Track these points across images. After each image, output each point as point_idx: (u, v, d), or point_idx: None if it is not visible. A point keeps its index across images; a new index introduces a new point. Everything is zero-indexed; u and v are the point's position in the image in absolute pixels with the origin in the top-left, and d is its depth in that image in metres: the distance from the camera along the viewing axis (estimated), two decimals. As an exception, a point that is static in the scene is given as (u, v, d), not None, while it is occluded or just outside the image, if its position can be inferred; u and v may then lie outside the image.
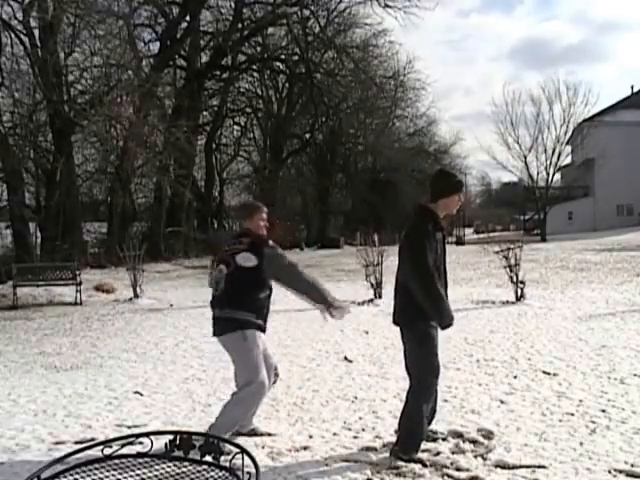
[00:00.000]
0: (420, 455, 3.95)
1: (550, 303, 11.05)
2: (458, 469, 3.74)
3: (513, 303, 11.02)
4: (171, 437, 1.92)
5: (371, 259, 12.57)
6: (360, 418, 4.78)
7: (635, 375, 5.83)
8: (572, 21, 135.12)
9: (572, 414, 4.72)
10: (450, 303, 3.90)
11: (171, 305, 12.26)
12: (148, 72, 23.84)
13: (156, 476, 1.89)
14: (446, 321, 3.79)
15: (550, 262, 19.81)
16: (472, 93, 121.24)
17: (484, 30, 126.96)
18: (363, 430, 4.49)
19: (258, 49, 31.73)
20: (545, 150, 40.15)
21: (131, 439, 1.93)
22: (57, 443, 4.38)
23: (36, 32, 20.07)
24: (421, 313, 3.81)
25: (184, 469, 1.96)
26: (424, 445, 4.15)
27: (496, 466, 3.78)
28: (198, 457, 1.88)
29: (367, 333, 8.61)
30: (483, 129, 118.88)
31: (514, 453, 3.97)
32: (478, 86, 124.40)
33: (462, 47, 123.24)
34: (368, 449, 4.11)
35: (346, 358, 6.97)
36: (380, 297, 11.97)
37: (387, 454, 3.96)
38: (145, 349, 7.96)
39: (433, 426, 4.51)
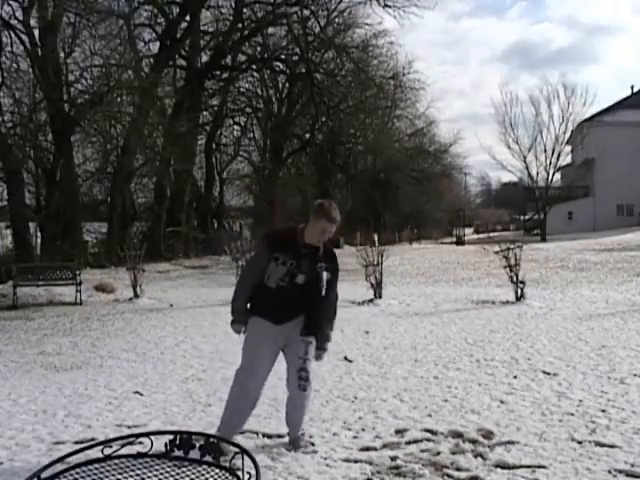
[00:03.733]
0: (420, 455, 3.96)
1: (550, 303, 11.06)
2: (458, 469, 3.74)
3: (513, 303, 11.02)
4: (171, 437, 1.92)
5: (371, 259, 12.57)
6: (360, 418, 4.77)
7: (635, 375, 5.83)
8: (563, 24, 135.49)
9: (572, 414, 4.72)
10: (450, 303, 3.91)
11: (171, 305, 12.26)
12: (148, 72, 23.84)
13: (156, 476, 1.89)
14: None
15: (550, 262, 19.81)
16: (466, 95, 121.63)
17: (476, 33, 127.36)
18: (363, 430, 4.49)
19: (258, 49, 31.71)
20: (545, 150, 40.20)
21: (131, 439, 1.93)
22: (57, 443, 4.38)
23: (36, 32, 20.09)
24: None
25: (184, 469, 1.95)
26: (424, 445, 4.15)
27: (496, 466, 3.78)
28: (198, 457, 1.88)
29: (367, 333, 8.60)
30: (478, 131, 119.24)
31: (514, 453, 3.96)
32: (472, 88, 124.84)
33: (455, 50, 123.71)
34: (368, 449, 4.11)
35: (346, 358, 6.97)
36: (380, 297, 11.96)
37: (387, 454, 3.97)
38: (145, 349, 7.96)
39: (433, 426, 4.51)
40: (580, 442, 4.11)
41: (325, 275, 4.14)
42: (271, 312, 4.08)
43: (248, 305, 4.18)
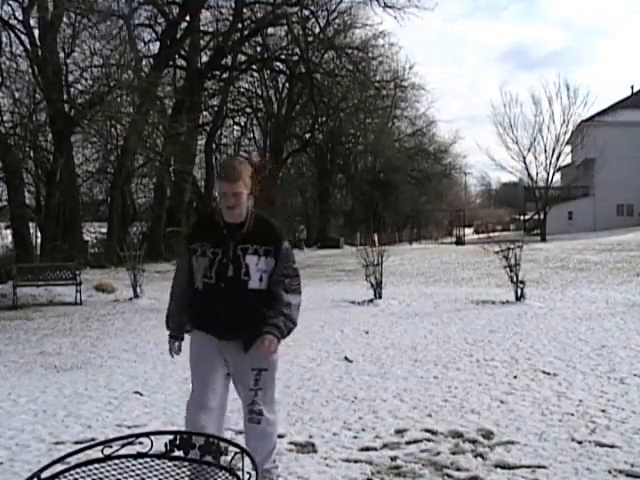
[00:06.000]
0: (420, 455, 3.95)
1: (550, 303, 11.05)
2: (458, 469, 3.74)
3: (513, 303, 11.02)
4: (171, 437, 1.92)
5: (371, 259, 12.56)
6: (360, 418, 4.77)
7: (635, 375, 5.83)
8: (558, 25, 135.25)
9: (572, 414, 4.72)
10: (450, 303, 3.87)
11: (171, 305, 12.25)
12: (148, 72, 23.84)
13: (156, 476, 1.89)
14: None
15: (550, 262, 19.80)
16: (463, 96, 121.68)
17: (472, 35, 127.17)
18: (363, 430, 4.49)
19: (258, 49, 31.72)
20: (545, 150, 40.18)
21: (131, 439, 1.92)
22: (57, 443, 4.38)
23: (36, 32, 20.11)
24: None
25: (184, 469, 1.95)
26: (424, 445, 4.15)
27: (496, 466, 3.78)
28: (198, 457, 1.88)
29: (367, 333, 8.60)
30: (476, 131, 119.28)
31: (514, 453, 3.97)
32: (469, 89, 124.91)
33: (451, 51, 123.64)
34: (368, 449, 4.11)
35: (346, 358, 6.97)
36: (380, 297, 11.96)
37: (387, 454, 3.97)
38: (145, 349, 7.96)
39: (433, 426, 4.51)
40: (580, 442, 4.11)
41: (252, 259, 3.18)
42: (206, 322, 3.28)
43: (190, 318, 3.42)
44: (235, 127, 37.02)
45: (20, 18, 19.86)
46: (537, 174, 40.84)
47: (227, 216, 3.22)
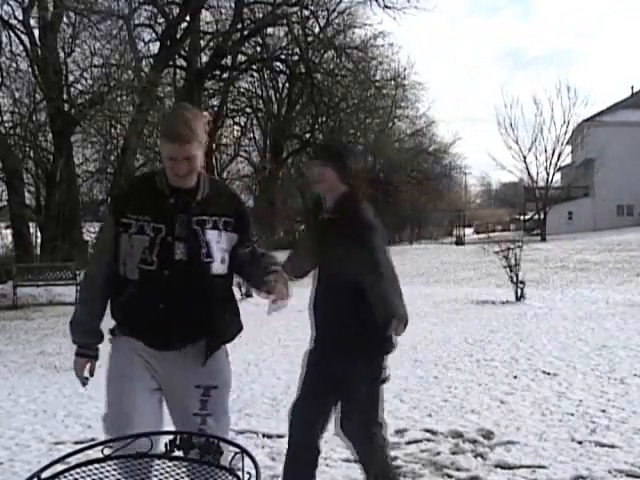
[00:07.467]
0: (420, 455, 3.95)
1: (550, 303, 11.05)
2: (458, 469, 3.74)
3: (513, 303, 11.03)
4: (171, 437, 1.92)
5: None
6: (360, 418, 4.77)
7: (635, 375, 5.83)
8: (557, 26, 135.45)
9: (572, 414, 4.71)
10: (450, 303, 3.85)
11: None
12: (148, 72, 23.85)
13: (156, 476, 1.89)
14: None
15: (550, 262, 19.80)
16: (461, 97, 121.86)
17: (470, 35, 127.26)
18: (363, 430, 4.48)
19: (258, 49, 31.74)
20: (545, 150, 40.19)
21: (131, 439, 1.92)
22: (57, 443, 4.38)
23: (36, 32, 20.13)
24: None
25: (184, 469, 1.96)
26: (424, 445, 4.15)
27: (496, 466, 3.77)
28: (198, 457, 1.88)
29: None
30: (475, 131, 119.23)
31: (514, 453, 3.96)
32: (467, 90, 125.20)
33: (448, 51, 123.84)
34: (368, 449, 4.11)
35: (346, 358, 6.96)
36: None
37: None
38: (145, 349, 7.95)
39: (433, 426, 4.51)
40: (580, 442, 4.10)
41: (212, 235, 2.41)
42: (138, 324, 2.42)
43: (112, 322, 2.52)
44: (235, 127, 37.04)
45: (20, 18, 19.89)
46: (537, 174, 40.88)
47: (174, 180, 2.44)
